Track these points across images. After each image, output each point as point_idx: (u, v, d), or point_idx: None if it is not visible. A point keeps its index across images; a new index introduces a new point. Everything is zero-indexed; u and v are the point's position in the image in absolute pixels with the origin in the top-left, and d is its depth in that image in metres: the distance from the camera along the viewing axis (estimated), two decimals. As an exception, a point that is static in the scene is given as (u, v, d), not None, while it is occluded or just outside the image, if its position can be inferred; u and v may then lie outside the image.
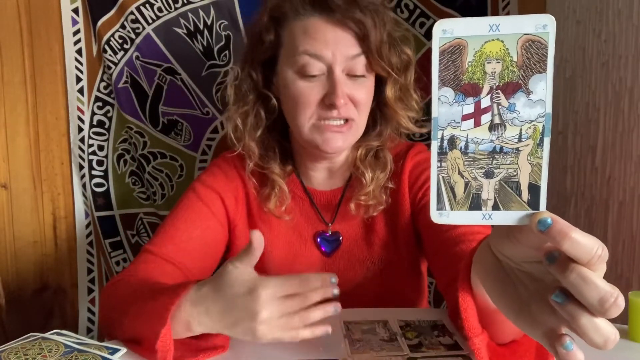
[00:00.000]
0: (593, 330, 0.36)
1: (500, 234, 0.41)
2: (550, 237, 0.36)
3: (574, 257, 0.36)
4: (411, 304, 0.91)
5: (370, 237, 0.88)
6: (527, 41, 0.37)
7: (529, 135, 0.38)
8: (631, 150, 0.91)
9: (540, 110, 0.37)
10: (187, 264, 0.82)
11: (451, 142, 0.38)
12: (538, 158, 0.38)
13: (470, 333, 0.51)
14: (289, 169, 0.89)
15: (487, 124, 0.38)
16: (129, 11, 1.18)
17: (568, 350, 0.38)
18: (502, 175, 0.38)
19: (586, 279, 0.35)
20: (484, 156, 0.38)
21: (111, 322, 0.72)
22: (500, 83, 0.37)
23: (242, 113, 0.84)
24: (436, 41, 0.37)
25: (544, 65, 0.37)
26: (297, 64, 0.78)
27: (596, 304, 0.35)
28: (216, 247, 0.88)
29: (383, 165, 0.86)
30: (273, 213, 0.87)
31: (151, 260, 0.81)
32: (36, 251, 1.26)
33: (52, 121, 1.23)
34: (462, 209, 0.39)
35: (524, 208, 0.38)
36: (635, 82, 0.90)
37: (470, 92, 0.38)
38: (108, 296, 0.77)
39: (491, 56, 0.37)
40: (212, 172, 0.91)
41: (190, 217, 0.85)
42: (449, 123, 0.38)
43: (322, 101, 0.78)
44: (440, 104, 0.38)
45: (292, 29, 0.79)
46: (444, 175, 0.39)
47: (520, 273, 0.43)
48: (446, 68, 0.38)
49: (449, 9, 1.19)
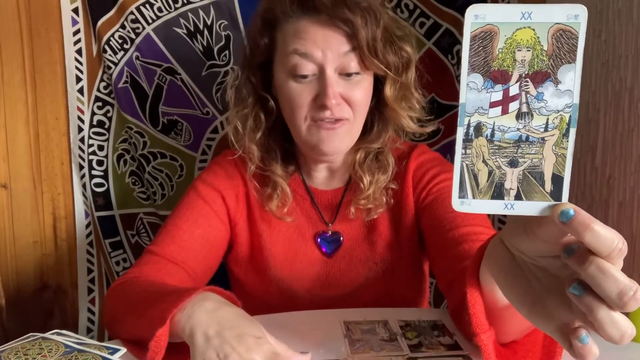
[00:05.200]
0: (610, 323, 0.36)
1: (517, 228, 0.41)
2: (572, 228, 0.36)
3: (595, 249, 0.36)
4: (412, 305, 0.91)
5: (373, 238, 0.88)
6: (558, 30, 0.36)
7: (555, 126, 0.37)
8: (631, 150, 0.91)
9: (567, 100, 0.37)
10: (190, 264, 0.82)
11: (477, 129, 0.38)
12: (563, 149, 0.37)
13: (478, 329, 0.51)
14: (292, 169, 0.89)
15: (515, 112, 0.38)
16: (129, 11, 1.18)
17: (584, 344, 0.37)
18: (527, 164, 0.38)
19: (605, 271, 0.35)
20: (509, 145, 0.38)
21: (116, 322, 0.73)
22: (530, 71, 0.37)
23: (242, 116, 0.85)
24: (468, 26, 0.37)
25: (573, 56, 0.36)
26: (288, 64, 0.78)
27: (615, 297, 0.35)
28: (218, 245, 0.88)
29: (384, 168, 0.86)
30: (274, 214, 0.87)
31: (155, 261, 0.81)
32: (36, 251, 1.26)
33: (52, 121, 1.23)
34: (484, 197, 0.38)
35: (546, 199, 0.38)
36: (635, 82, 0.90)
37: (500, 79, 0.38)
38: (114, 297, 0.77)
39: (522, 44, 0.37)
40: (212, 171, 0.91)
41: (192, 216, 0.85)
42: (476, 110, 0.38)
43: (314, 102, 0.78)
44: (469, 90, 0.38)
45: (284, 31, 0.80)
46: (468, 162, 0.38)
47: (534, 268, 0.42)
48: (476, 54, 0.37)
49: (449, 9, 1.19)
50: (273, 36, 0.82)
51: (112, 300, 0.78)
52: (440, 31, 1.20)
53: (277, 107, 0.85)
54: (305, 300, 0.87)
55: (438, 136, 1.22)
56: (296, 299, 0.87)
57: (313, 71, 0.77)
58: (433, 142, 1.21)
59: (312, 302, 0.86)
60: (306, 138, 0.81)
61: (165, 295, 0.66)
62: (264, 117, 0.85)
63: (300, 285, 0.88)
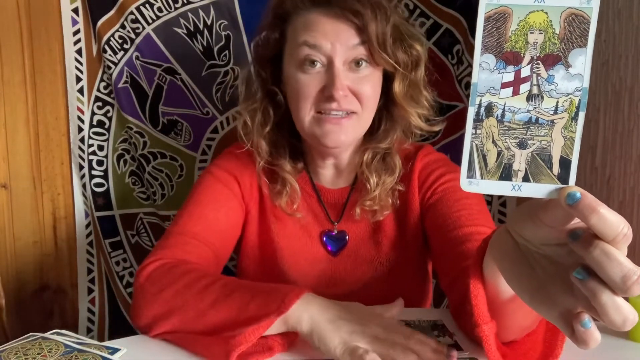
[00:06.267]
0: (613, 308, 0.36)
1: (522, 215, 0.41)
2: (578, 211, 0.36)
3: (600, 233, 0.36)
4: (415, 305, 0.91)
5: (378, 237, 0.88)
6: (571, 14, 0.37)
7: (564, 109, 0.38)
8: (631, 150, 0.91)
9: (577, 84, 0.37)
10: (216, 244, 0.82)
11: (488, 110, 0.39)
12: (572, 132, 0.38)
13: (479, 320, 0.51)
14: (300, 166, 0.89)
15: (525, 93, 0.38)
16: (128, 11, 1.18)
17: (586, 329, 0.37)
18: (535, 146, 0.38)
19: (610, 255, 0.35)
20: (519, 126, 0.38)
21: (170, 312, 0.69)
22: (541, 54, 0.38)
23: (251, 110, 0.85)
24: (482, 7, 0.37)
25: (584, 40, 0.37)
26: (298, 56, 0.79)
27: (619, 281, 0.35)
28: (238, 227, 0.89)
29: (391, 169, 0.86)
30: (284, 210, 0.88)
31: (184, 241, 0.79)
32: (36, 251, 1.26)
33: (52, 121, 1.23)
34: (492, 178, 0.39)
35: (553, 181, 0.38)
36: (635, 82, 0.90)
37: (512, 60, 0.38)
38: (159, 282, 0.72)
39: (534, 26, 0.37)
40: (227, 158, 0.92)
41: (213, 197, 0.85)
42: (488, 90, 0.38)
43: (322, 93, 0.78)
44: (481, 70, 0.38)
45: (294, 25, 0.80)
46: (478, 142, 0.39)
47: (538, 256, 0.42)
48: (490, 34, 0.38)
49: (449, 9, 1.19)
50: (283, 30, 0.83)
51: (156, 287, 0.72)
52: (440, 31, 1.20)
53: (285, 101, 0.85)
54: None
55: (438, 136, 1.22)
56: None
57: (322, 62, 0.78)
58: (433, 142, 1.21)
59: None
60: (310, 130, 0.81)
61: (263, 291, 0.66)
62: (273, 111, 0.86)
63: (305, 283, 0.88)
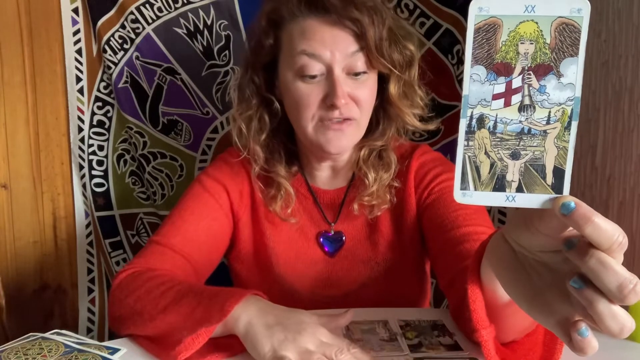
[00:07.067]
0: (610, 317, 0.36)
1: (518, 223, 0.41)
2: (573, 221, 0.36)
3: (595, 242, 0.36)
4: (414, 305, 0.91)
5: (375, 237, 0.88)
6: (561, 24, 0.37)
7: (557, 118, 0.38)
8: (631, 150, 0.91)
9: (570, 93, 0.37)
10: (194, 256, 0.82)
11: (480, 121, 0.38)
12: (565, 142, 0.38)
13: (478, 325, 0.51)
14: (295, 169, 0.89)
15: (517, 104, 0.38)
16: (128, 11, 1.18)
17: (583, 337, 0.37)
18: (528, 157, 0.38)
19: (605, 264, 0.35)
20: (511, 137, 0.38)
21: (131, 316, 0.70)
22: (532, 64, 0.38)
23: (246, 117, 0.84)
24: (472, 18, 0.37)
25: (576, 49, 0.37)
26: (296, 65, 0.78)
27: (615, 290, 0.35)
28: (222, 239, 0.88)
29: (387, 165, 0.86)
30: (279, 215, 0.87)
31: (160, 251, 0.80)
32: (36, 251, 1.26)
33: (52, 121, 1.23)
34: (485, 189, 0.39)
35: (547, 191, 0.38)
36: (635, 82, 0.90)
37: (503, 71, 0.38)
38: (126, 289, 0.74)
39: (525, 37, 0.37)
40: (217, 165, 0.91)
41: (197, 208, 0.85)
42: (479, 101, 0.38)
43: (323, 102, 0.78)
44: (472, 82, 0.38)
45: (290, 32, 0.79)
46: (470, 154, 0.39)
47: (535, 263, 0.42)
48: (480, 46, 0.38)
49: (449, 9, 1.19)
50: (278, 36, 0.82)
51: (123, 293, 0.74)
52: (440, 31, 1.20)
53: (281, 108, 0.85)
54: (306, 299, 0.87)
55: (438, 136, 1.22)
56: (298, 298, 0.87)
57: (321, 71, 0.78)
58: (433, 142, 1.21)
59: (313, 302, 0.86)
60: (313, 138, 0.81)
61: (208, 296, 0.66)
62: (269, 118, 0.85)
63: (302, 285, 0.88)
